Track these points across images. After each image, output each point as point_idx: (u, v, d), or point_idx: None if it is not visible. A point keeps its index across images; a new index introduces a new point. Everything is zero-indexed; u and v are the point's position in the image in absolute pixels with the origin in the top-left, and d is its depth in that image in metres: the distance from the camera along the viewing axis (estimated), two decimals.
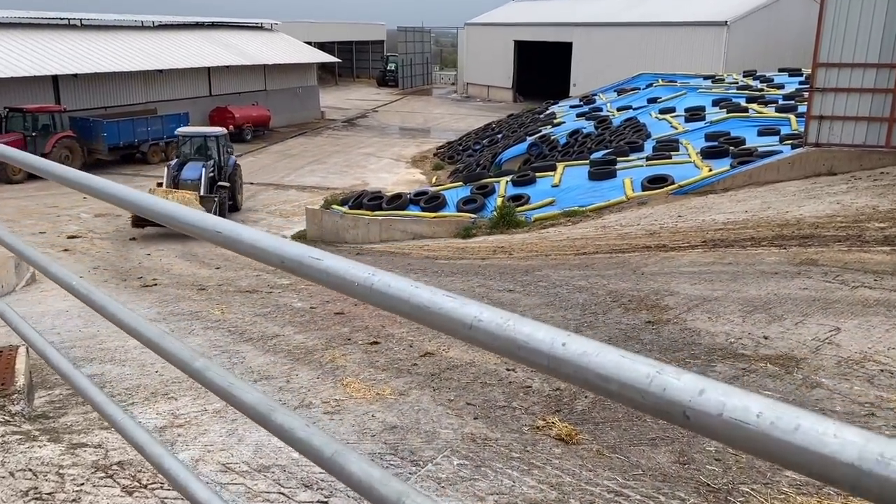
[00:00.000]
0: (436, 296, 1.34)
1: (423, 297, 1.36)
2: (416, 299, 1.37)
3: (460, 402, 5.18)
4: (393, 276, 1.41)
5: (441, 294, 1.33)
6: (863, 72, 14.33)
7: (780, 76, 30.16)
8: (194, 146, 22.51)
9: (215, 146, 22.40)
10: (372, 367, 6.19)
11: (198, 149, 22.37)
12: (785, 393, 5.23)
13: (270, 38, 47.44)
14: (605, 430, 4.64)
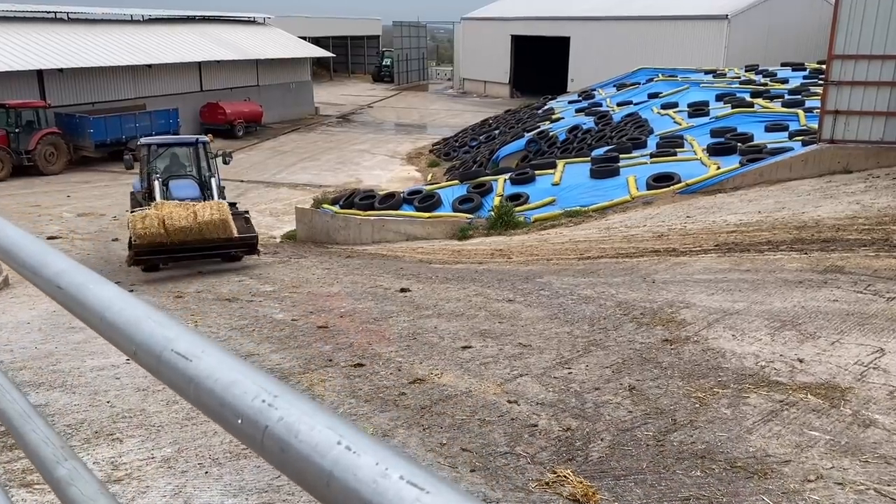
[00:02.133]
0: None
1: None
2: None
3: (454, 447, 4.40)
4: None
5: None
6: (881, 64, 13.55)
7: (783, 70, 29.39)
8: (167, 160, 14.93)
9: (195, 159, 14.79)
10: (354, 396, 5.42)
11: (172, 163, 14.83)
12: (835, 433, 4.46)
13: (263, 32, 46.53)
14: (628, 487, 3.87)
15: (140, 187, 15.13)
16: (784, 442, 4.36)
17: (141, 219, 11.71)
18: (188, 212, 11.89)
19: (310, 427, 0.77)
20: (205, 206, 12.14)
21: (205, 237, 12.03)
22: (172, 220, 11.70)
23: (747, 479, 3.92)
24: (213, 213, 12.02)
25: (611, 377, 5.63)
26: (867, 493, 3.77)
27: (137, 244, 11.89)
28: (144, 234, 11.66)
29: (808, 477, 3.94)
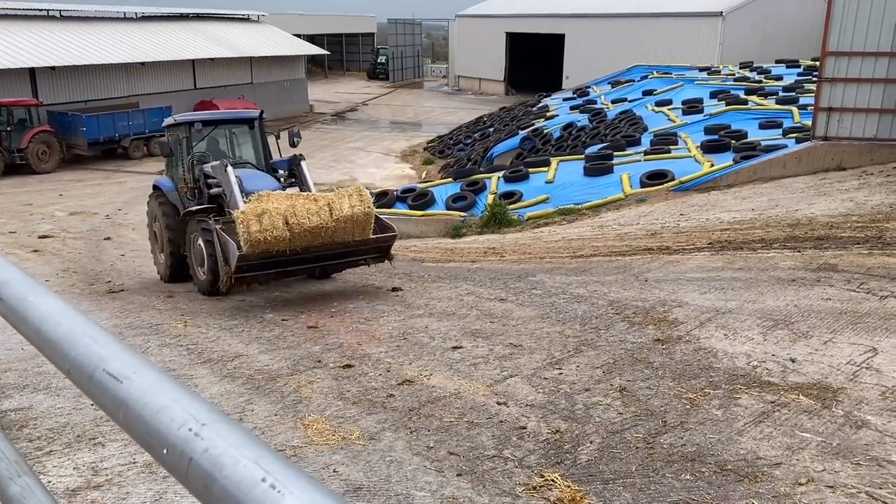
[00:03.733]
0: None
1: None
2: None
3: (441, 451, 4.34)
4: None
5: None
6: (874, 61, 13.52)
7: (778, 67, 29.38)
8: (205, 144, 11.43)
9: (250, 141, 11.71)
10: (341, 398, 5.35)
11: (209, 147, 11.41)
12: (826, 435, 4.41)
13: (257, 29, 46.37)
14: (617, 491, 3.81)
15: (172, 183, 11.58)
16: (775, 444, 4.31)
17: (256, 217, 8.33)
18: (319, 205, 8.67)
19: (235, 461, 0.70)
20: (341, 197, 8.88)
21: (336, 239, 8.89)
22: (299, 217, 8.50)
23: (737, 483, 3.87)
24: (355, 206, 8.79)
25: (601, 378, 5.58)
26: (859, 496, 3.72)
27: (246, 254, 8.40)
28: (262, 240, 8.34)
29: (799, 480, 3.89)
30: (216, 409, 0.81)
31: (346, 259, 9.44)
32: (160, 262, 12.13)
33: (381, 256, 9.66)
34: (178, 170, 11.63)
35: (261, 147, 11.68)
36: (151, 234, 12.39)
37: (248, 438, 0.75)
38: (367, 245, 9.29)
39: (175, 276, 11.48)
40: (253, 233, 8.31)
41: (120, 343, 0.96)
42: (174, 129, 11.50)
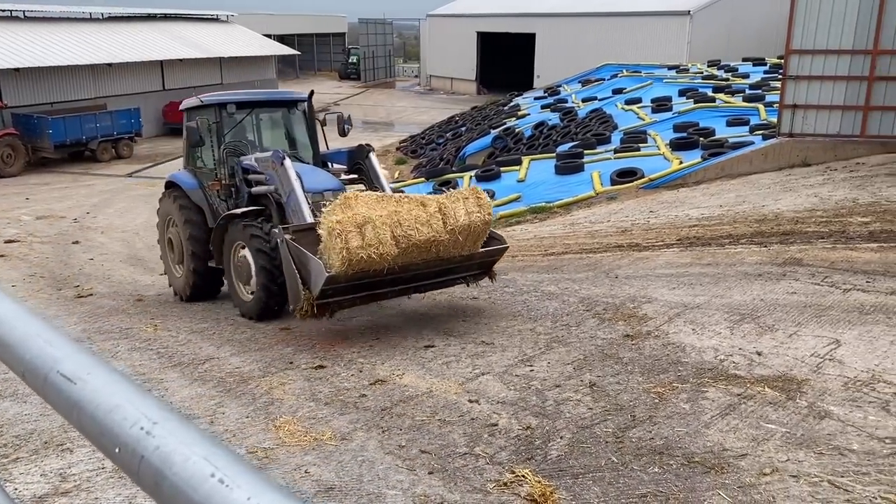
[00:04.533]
0: None
1: None
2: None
3: (413, 449, 4.36)
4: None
5: None
6: (837, 59, 13.78)
7: (745, 65, 29.79)
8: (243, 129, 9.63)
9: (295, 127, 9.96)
10: (313, 399, 5.34)
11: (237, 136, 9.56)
12: (790, 426, 4.51)
13: (227, 30, 45.95)
14: (586, 485, 3.86)
15: (194, 179, 9.57)
16: (741, 435, 4.39)
17: (357, 229, 6.38)
18: (429, 212, 6.79)
19: (185, 458, 0.72)
20: (454, 200, 7.00)
21: (442, 255, 6.99)
22: (405, 227, 6.61)
23: (704, 474, 3.94)
24: (473, 212, 6.99)
25: (572, 374, 5.63)
26: (821, 485, 3.81)
27: (337, 275, 6.44)
28: (365, 258, 6.39)
29: (763, 470, 3.97)
30: (168, 407, 0.82)
31: (446, 278, 7.50)
32: (176, 275, 10.12)
33: (482, 273, 7.82)
34: (204, 162, 9.69)
35: (307, 136, 9.67)
36: (164, 241, 10.36)
37: (199, 436, 0.76)
38: (472, 260, 7.44)
39: (198, 294, 9.65)
40: (353, 249, 6.28)
41: (74, 345, 0.97)
42: (199, 113, 9.35)
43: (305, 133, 9.84)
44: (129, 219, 21.05)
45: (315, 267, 6.57)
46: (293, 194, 7.87)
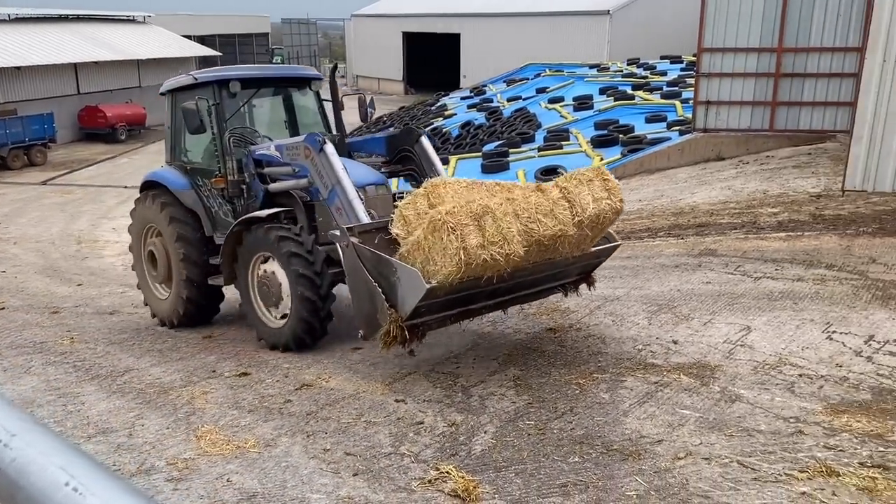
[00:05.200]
0: None
1: None
2: None
3: (338, 452, 4.35)
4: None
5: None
6: (745, 56, 14.37)
7: (662, 63, 30.69)
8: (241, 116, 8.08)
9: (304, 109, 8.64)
10: (236, 407, 5.26)
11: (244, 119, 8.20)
12: (704, 410, 4.69)
13: (143, 31, 44.61)
14: (509, 478, 3.93)
15: (185, 177, 7.99)
16: (657, 422, 4.54)
17: (475, 221, 4.93)
18: (552, 198, 5.40)
19: (42, 468, 0.71)
20: (577, 184, 5.56)
21: (554, 255, 5.52)
22: (524, 220, 5.19)
23: (622, 462, 4.06)
24: (601, 199, 5.57)
25: (497, 369, 5.72)
26: (731, 465, 3.98)
27: (439, 286, 4.95)
28: (489, 260, 4.91)
29: (678, 454, 4.12)
30: (30, 418, 0.81)
31: (544, 286, 6.15)
32: (159, 297, 8.45)
33: (581, 279, 6.41)
34: (196, 155, 8.14)
35: (322, 120, 8.41)
36: (143, 255, 8.61)
37: (60, 445, 0.76)
38: (580, 262, 5.98)
39: (192, 318, 8.03)
40: (472, 249, 4.81)
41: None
42: (191, 94, 7.60)
43: (319, 117, 8.42)
44: (44, 228, 20.23)
45: (408, 276, 4.97)
46: (339, 188, 6.29)
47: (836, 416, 4.47)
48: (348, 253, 5.36)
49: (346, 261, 5.40)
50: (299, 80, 8.45)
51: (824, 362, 5.36)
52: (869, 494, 3.64)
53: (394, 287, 5.13)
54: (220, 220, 7.84)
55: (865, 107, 10.09)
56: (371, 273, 5.22)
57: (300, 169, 6.81)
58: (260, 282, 6.80)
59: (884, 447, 4.09)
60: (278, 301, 6.64)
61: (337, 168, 6.40)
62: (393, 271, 5.13)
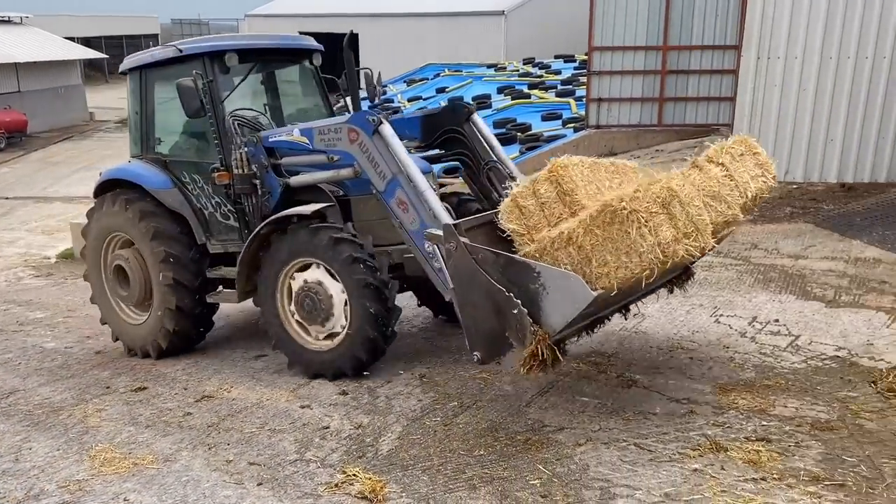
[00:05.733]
0: None
1: None
2: None
3: (242, 462, 4.25)
4: None
5: None
6: (633, 55, 14.94)
7: (557, 62, 31.50)
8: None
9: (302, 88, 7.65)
10: (133, 423, 5.06)
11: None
12: (602, 396, 4.86)
13: (20, 32, 42.07)
14: (416, 476, 3.95)
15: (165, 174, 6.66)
16: (559, 411, 4.67)
17: (663, 209, 4.05)
18: (714, 177, 4.66)
19: None
20: (732, 158, 4.95)
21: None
22: (693, 206, 4.22)
23: (526, 451, 4.16)
24: (758, 176, 4.97)
25: (404, 368, 5.73)
26: (629, 448, 4.14)
27: (604, 292, 4.10)
28: (680, 258, 4.08)
29: (579, 441, 4.25)
30: None
31: (659, 283, 5.20)
32: (131, 322, 6.93)
33: (683, 273, 5.57)
34: (186, 144, 6.90)
35: (322, 102, 7.45)
36: (103, 272, 7.07)
37: None
38: (701, 255, 4.60)
39: (179, 346, 6.69)
40: (667, 244, 4.00)
41: None
42: (174, 68, 6.35)
43: (320, 98, 7.40)
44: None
45: (561, 283, 4.08)
46: (403, 178, 5.25)
47: (724, 395, 4.72)
48: (458, 257, 4.36)
49: (455, 267, 4.40)
50: (301, 52, 7.23)
51: (713, 345, 5.65)
52: (754, 467, 3.86)
53: (535, 297, 4.13)
54: (217, 224, 6.46)
55: (744, 101, 10.70)
56: (500, 283, 4.21)
57: (341, 157, 5.62)
58: (299, 295, 5.60)
59: (766, 421, 4.35)
60: (327, 317, 5.53)
61: (400, 154, 5.29)
62: (534, 277, 4.14)
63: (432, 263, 5.08)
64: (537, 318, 4.12)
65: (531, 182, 4.60)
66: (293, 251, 5.60)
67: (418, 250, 5.22)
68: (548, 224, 4.50)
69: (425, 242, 5.05)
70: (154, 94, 6.75)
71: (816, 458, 3.93)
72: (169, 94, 6.43)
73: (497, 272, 4.25)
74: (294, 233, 5.60)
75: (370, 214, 5.79)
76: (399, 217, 5.33)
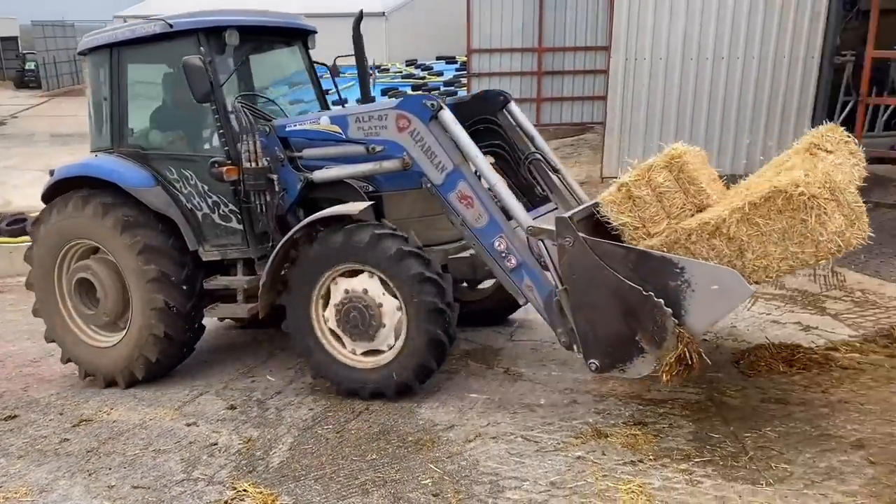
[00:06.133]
0: None
1: None
2: None
3: (125, 487, 4.10)
4: None
5: None
6: (511, 56, 15.35)
7: (438, 63, 31.91)
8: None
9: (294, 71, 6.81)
10: (4, 455, 4.77)
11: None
12: (490, 392, 5.00)
13: None
14: (308, 486, 3.94)
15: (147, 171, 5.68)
16: (449, 409, 4.77)
17: (830, 194, 3.91)
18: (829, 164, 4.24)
19: None
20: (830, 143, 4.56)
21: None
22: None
23: (417, 452, 4.23)
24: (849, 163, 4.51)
25: (294, 377, 5.67)
26: (516, 440, 4.29)
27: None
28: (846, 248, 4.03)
29: (468, 437, 4.36)
30: None
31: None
32: (96, 344, 5.94)
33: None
34: (172, 134, 6.07)
35: (315, 85, 6.72)
36: (60, 288, 5.99)
37: None
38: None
39: (158, 370, 5.79)
40: (841, 231, 3.91)
41: None
42: (159, 47, 5.61)
43: (312, 85, 6.66)
44: None
45: (718, 282, 3.84)
46: (466, 169, 4.83)
47: (603, 383, 4.97)
48: (576, 253, 4.07)
49: (572, 265, 4.13)
50: (298, 33, 6.49)
51: None
52: (632, 450, 4.10)
53: (676, 295, 3.88)
54: (213, 228, 5.58)
55: (615, 101, 11.22)
56: (631, 280, 3.96)
57: (385, 147, 5.02)
58: (344, 304, 4.95)
59: (642, 406, 4.61)
60: (375, 332, 4.92)
61: (463, 142, 4.79)
62: (675, 273, 3.87)
63: (504, 263, 4.68)
64: (678, 319, 3.90)
65: (643, 170, 4.29)
66: (344, 255, 4.88)
67: (484, 249, 4.75)
68: (667, 216, 4.21)
69: (495, 240, 4.67)
70: (128, 76, 5.71)
71: (688, 437, 4.21)
72: (149, 76, 5.76)
73: (626, 269, 3.96)
74: (348, 234, 4.86)
75: (405, 212, 5.17)
76: (461, 213, 4.80)
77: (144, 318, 5.50)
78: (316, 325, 5.09)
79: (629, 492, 3.68)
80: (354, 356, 5.06)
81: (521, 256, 4.60)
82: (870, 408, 4.45)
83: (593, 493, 3.71)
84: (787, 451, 4.00)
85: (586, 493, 3.71)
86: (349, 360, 5.06)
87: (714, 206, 4.20)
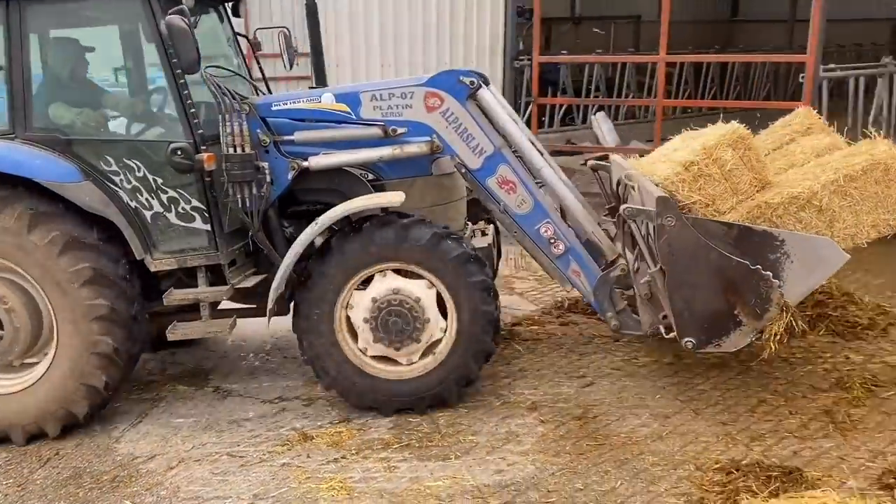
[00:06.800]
0: None
1: None
2: None
3: None
4: None
5: None
6: None
7: None
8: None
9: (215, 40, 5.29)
10: None
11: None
12: (198, 414, 4.85)
13: None
14: None
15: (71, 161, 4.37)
16: (151, 439, 4.55)
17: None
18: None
19: None
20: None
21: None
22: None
23: (113, 490, 3.98)
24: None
25: None
26: (220, 459, 4.22)
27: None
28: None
29: (170, 465, 4.20)
30: None
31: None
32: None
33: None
34: (104, 115, 4.82)
35: (238, 61, 5.40)
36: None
37: None
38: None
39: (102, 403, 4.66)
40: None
41: None
42: (90, 5, 4.52)
43: (235, 57, 5.38)
44: None
45: (816, 251, 4.01)
46: (508, 152, 4.61)
47: (312, 388, 5.06)
48: (678, 232, 3.96)
49: (672, 244, 3.99)
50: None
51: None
52: (336, 447, 4.25)
53: (776, 267, 3.99)
54: (166, 230, 4.57)
55: None
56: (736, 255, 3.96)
57: (409, 129, 4.51)
58: (376, 319, 4.38)
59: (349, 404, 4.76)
60: (415, 338, 4.43)
61: (505, 123, 4.52)
62: (775, 246, 3.97)
63: (550, 250, 4.59)
64: (777, 298, 4.01)
65: (705, 149, 4.33)
66: (371, 255, 4.34)
67: (527, 236, 4.62)
68: (734, 193, 4.34)
69: (540, 227, 4.56)
70: (31, 40, 4.43)
71: (388, 426, 4.46)
72: (69, 42, 4.63)
73: (727, 246, 4.00)
74: (379, 233, 4.33)
75: (411, 201, 4.47)
76: (502, 199, 4.57)
77: (80, 363, 4.37)
78: (344, 339, 4.56)
79: (330, 489, 3.81)
80: (411, 365, 4.54)
81: (570, 242, 4.60)
82: (543, 373, 5.05)
83: (296, 497, 3.78)
84: (474, 424, 4.41)
85: (289, 498, 3.78)
86: (372, 369, 4.55)
87: (778, 182, 4.49)
